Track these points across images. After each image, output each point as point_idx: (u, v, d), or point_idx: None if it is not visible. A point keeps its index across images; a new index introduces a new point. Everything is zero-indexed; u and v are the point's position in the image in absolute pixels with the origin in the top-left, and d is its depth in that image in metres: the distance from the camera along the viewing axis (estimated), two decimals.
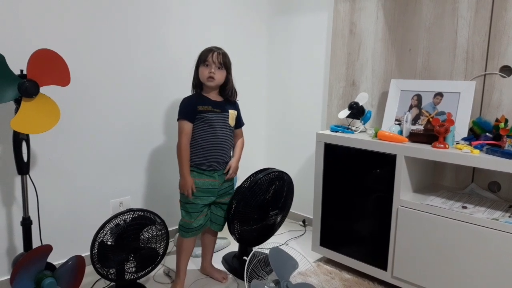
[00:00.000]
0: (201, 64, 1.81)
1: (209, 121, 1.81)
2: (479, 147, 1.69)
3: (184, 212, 1.87)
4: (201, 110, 1.80)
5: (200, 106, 1.80)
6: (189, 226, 1.86)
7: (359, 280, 2.03)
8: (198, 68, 1.83)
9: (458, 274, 1.67)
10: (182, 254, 1.91)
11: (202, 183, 1.84)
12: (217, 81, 1.81)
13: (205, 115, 1.81)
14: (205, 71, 1.79)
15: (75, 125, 1.99)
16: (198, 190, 1.83)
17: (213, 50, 1.81)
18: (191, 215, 1.85)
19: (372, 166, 1.93)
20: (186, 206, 1.86)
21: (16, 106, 1.55)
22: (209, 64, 1.79)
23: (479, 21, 1.90)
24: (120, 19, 2.08)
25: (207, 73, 1.79)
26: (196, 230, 1.87)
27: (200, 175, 1.84)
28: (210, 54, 1.80)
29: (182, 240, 1.89)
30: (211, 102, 1.84)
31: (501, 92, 1.87)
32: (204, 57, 1.81)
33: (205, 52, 1.82)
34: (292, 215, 2.75)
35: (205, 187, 1.85)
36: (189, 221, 1.85)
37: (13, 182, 1.84)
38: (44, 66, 1.55)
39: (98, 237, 1.68)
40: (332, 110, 2.52)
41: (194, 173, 1.83)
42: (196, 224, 1.86)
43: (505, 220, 1.57)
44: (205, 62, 1.80)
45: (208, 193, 1.86)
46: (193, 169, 1.83)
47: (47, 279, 1.51)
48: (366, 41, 2.33)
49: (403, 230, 1.83)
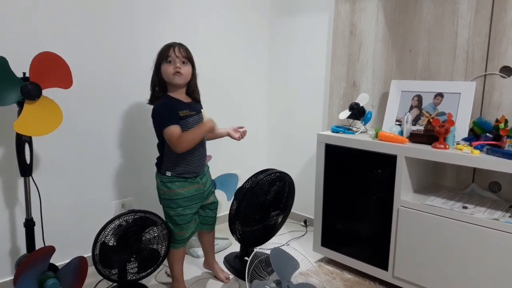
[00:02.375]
0: (163, 62, 1.68)
1: (190, 125, 1.71)
2: (479, 147, 1.69)
3: (173, 225, 1.81)
4: (182, 116, 1.69)
5: (180, 111, 1.69)
6: (181, 238, 1.83)
7: (360, 280, 2.03)
8: (159, 68, 1.70)
9: (459, 274, 1.68)
10: (177, 263, 1.89)
11: (188, 192, 1.77)
12: (184, 76, 1.70)
13: (186, 120, 1.70)
14: (169, 68, 1.67)
15: (77, 127, 2.00)
16: (184, 200, 1.76)
17: (173, 45, 1.70)
18: (182, 227, 1.81)
19: (373, 167, 1.93)
20: (175, 219, 1.79)
21: (19, 109, 1.56)
22: (172, 60, 1.67)
23: (479, 22, 1.91)
24: (122, 22, 2.09)
25: (172, 70, 1.66)
26: (187, 239, 1.87)
27: (183, 185, 1.76)
28: (171, 50, 1.67)
29: (173, 251, 1.86)
30: (186, 106, 1.73)
31: (501, 93, 1.87)
32: (165, 54, 1.68)
33: (165, 48, 1.70)
34: (293, 216, 2.75)
35: (191, 195, 1.78)
36: (181, 233, 1.82)
37: (16, 183, 1.85)
38: (47, 68, 1.56)
39: (99, 238, 1.69)
40: (333, 111, 2.53)
41: (176, 184, 1.75)
42: (188, 234, 1.85)
43: (506, 220, 1.57)
44: (167, 58, 1.67)
45: (195, 200, 1.81)
46: (176, 179, 1.75)
47: (50, 280, 1.52)
48: (367, 42, 2.33)
49: (403, 230, 1.83)
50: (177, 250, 1.86)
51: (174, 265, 1.90)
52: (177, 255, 1.88)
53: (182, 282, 1.92)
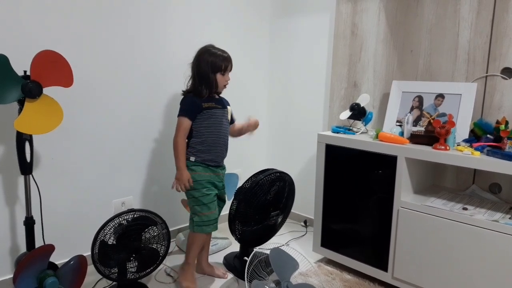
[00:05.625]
0: (219, 72, 1.86)
1: (215, 116, 1.88)
2: (480, 148, 1.69)
3: (200, 207, 1.87)
4: (207, 107, 1.85)
5: (204, 103, 1.85)
6: (211, 218, 1.87)
7: (359, 281, 2.03)
8: (213, 74, 1.85)
9: (459, 275, 1.68)
10: (197, 249, 1.93)
11: (210, 176, 1.89)
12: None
13: (212, 111, 1.86)
14: (222, 79, 1.87)
15: (78, 126, 2.00)
16: (208, 182, 1.87)
17: (230, 59, 1.88)
18: (209, 206, 1.87)
19: (373, 167, 1.93)
20: (201, 200, 1.86)
21: (20, 107, 1.56)
22: (226, 73, 1.88)
23: (481, 23, 1.90)
24: (122, 20, 2.09)
25: (224, 82, 1.88)
26: (216, 221, 1.91)
27: (206, 170, 1.88)
28: (230, 64, 1.88)
29: (200, 236, 1.90)
30: (213, 99, 1.90)
31: (502, 94, 1.87)
32: (223, 66, 1.85)
33: (222, 60, 1.85)
34: (293, 216, 2.76)
35: (212, 180, 1.90)
36: (210, 212, 1.87)
37: (16, 182, 1.86)
38: (47, 67, 1.56)
39: (99, 237, 1.69)
40: (334, 111, 2.53)
41: (200, 167, 1.87)
42: (217, 214, 1.91)
43: (506, 222, 1.57)
44: (223, 71, 1.86)
45: (215, 185, 1.91)
46: (200, 164, 1.87)
47: (49, 278, 1.52)
48: (368, 43, 2.33)
49: (403, 231, 1.83)
50: (205, 234, 1.92)
51: (193, 250, 1.92)
52: (202, 240, 1.93)
53: (193, 267, 1.97)
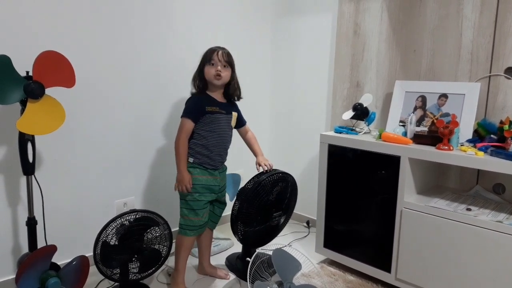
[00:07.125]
0: (207, 64, 1.85)
1: (217, 121, 1.87)
2: (483, 149, 1.68)
3: (187, 210, 1.87)
4: (210, 111, 1.85)
5: (208, 107, 1.85)
6: (195, 224, 1.86)
7: (362, 282, 2.02)
8: (203, 68, 1.86)
9: (462, 276, 1.67)
10: (183, 252, 1.91)
11: (206, 180, 1.87)
12: (223, 79, 1.86)
13: (214, 116, 1.86)
14: (211, 69, 1.83)
15: (80, 126, 2.00)
16: (202, 187, 1.86)
17: (217, 49, 1.86)
18: (196, 212, 1.86)
19: (376, 168, 1.92)
20: (189, 204, 1.86)
21: (22, 107, 1.56)
22: (215, 63, 1.83)
23: (484, 23, 1.90)
24: (125, 21, 2.09)
25: (214, 72, 1.83)
26: (201, 228, 1.89)
27: (203, 173, 1.87)
28: (215, 53, 1.84)
29: (184, 238, 1.88)
30: (218, 104, 1.89)
31: (505, 94, 1.86)
32: (209, 57, 1.85)
33: (210, 51, 1.86)
34: (295, 216, 2.75)
35: (208, 184, 1.87)
36: (196, 218, 1.86)
37: (19, 182, 1.86)
38: (50, 67, 1.56)
39: (101, 237, 1.69)
40: (336, 111, 2.52)
41: (197, 170, 1.86)
42: (203, 221, 1.88)
43: (510, 223, 1.56)
44: (210, 61, 1.84)
45: (210, 190, 1.89)
46: (197, 166, 1.86)
47: (51, 279, 1.52)
48: (371, 42, 2.32)
49: (407, 232, 1.82)
50: (188, 238, 1.88)
51: (180, 254, 1.90)
52: (186, 244, 1.90)
53: (182, 273, 1.93)
